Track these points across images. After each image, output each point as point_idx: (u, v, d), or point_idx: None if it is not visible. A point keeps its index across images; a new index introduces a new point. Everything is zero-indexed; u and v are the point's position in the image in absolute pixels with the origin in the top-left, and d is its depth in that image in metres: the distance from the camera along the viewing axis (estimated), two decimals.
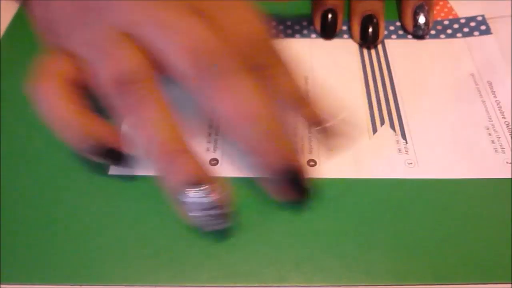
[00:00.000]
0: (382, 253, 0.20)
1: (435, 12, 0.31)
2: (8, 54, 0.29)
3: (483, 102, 0.26)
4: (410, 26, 0.29)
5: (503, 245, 0.20)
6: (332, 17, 0.29)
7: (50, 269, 0.19)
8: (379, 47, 0.29)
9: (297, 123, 0.24)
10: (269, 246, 0.20)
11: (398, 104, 0.26)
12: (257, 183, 0.22)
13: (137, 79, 0.19)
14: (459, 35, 0.30)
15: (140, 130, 0.19)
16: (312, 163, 0.23)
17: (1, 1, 0.33)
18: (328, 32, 0.29)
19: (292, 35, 0.30)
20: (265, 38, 0.20)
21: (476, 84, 0.27)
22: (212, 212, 0.18)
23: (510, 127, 0.24)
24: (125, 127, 0.22)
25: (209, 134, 0.24)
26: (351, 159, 0.23)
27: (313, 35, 0.30)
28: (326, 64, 0.28)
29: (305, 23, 0.31)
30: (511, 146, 0.23)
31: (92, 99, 0.21)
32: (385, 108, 0.26)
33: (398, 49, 0.29)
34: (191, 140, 0.19)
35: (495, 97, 0.26)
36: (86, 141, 0.20)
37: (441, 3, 0.32)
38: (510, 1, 0.32)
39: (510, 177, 0.22)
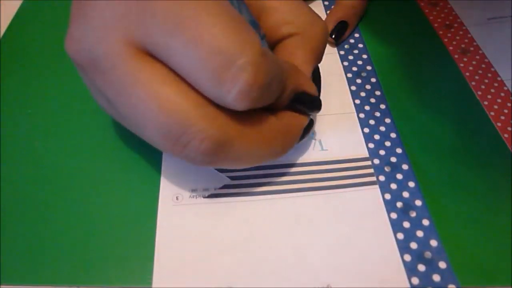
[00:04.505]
0: None
1: (435, 13, 0.31)
2: (8, 54, 0.29)
3: None
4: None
5: (504, 249, 0.20)
6: (342, 28, 0.29)
7: (50, 270, 0.19)
8: None
9: None
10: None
11: None
12: None
13: None
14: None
15: None
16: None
17: (1, 1, 0.33)
18: (336, 39, 0.29)
19: None
20: None
21: None
22: None
23: None
24: None
25: None
26: None
27: None
28: None
29: None
30: None
31: None
32: None
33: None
34: None
35: None
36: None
37: (441, 4, 0.32)
38: (510, 1, 0.32)
39: None
